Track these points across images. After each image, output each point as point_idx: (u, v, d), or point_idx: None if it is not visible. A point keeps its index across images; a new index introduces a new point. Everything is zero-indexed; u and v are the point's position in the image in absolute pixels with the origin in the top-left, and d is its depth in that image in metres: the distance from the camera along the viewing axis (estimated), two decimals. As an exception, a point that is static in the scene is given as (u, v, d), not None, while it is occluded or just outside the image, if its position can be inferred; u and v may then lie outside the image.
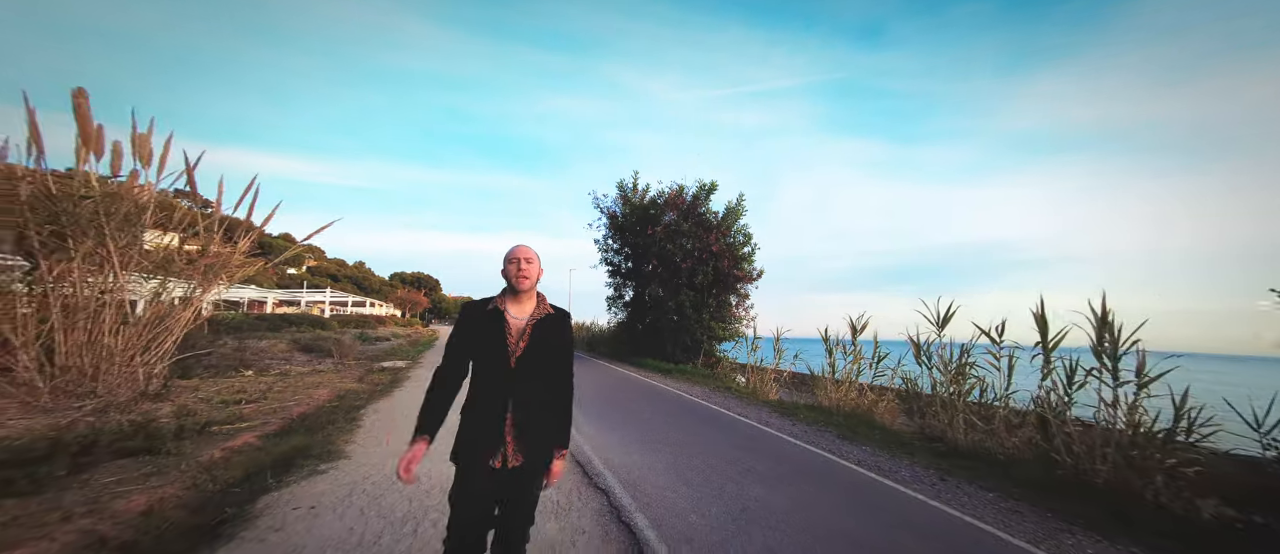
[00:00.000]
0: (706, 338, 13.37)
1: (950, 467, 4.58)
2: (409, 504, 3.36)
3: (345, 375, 9.97)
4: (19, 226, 4.89)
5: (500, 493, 1.65)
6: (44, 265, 5.10)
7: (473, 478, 1.62)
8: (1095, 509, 3.53)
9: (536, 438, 1.67)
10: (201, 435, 4.83)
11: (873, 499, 3.75)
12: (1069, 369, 4.33)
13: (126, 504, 3.19)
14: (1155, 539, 3.16)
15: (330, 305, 35.89)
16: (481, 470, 1.61)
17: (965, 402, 5.19)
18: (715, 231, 13.44)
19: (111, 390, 5.43)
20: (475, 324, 1.72)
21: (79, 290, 5.35)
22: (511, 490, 1.65)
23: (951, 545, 3.04)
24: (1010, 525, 3.30)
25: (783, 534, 3.03)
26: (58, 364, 5.12)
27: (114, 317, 5.64)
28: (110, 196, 5.50)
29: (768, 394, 9.01)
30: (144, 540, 2.77)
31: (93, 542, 2.68)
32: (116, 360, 5.58)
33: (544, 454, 1.71)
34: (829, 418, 6.75)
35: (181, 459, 4.12)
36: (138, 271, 6.10)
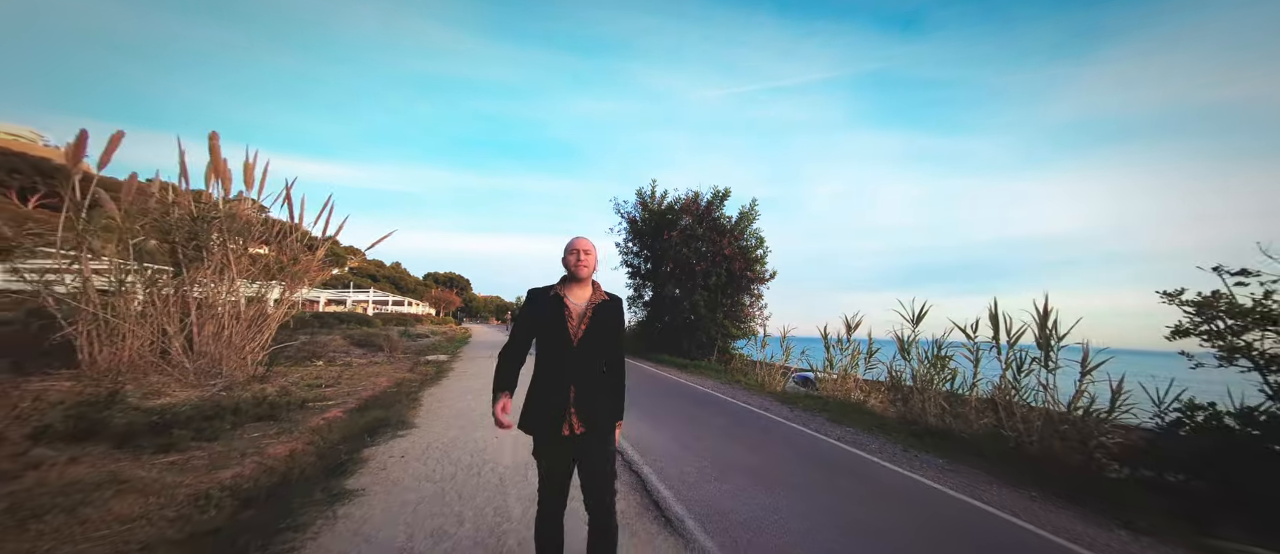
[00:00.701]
0: (720, 336, 14.20)
1: (918, 443, 5.32)
2: (471, 457, 4.41)
3: (397, 367, 11.32)
4: (171, 241, 6.28)
5: (573, 454, 1.81)
6: (186, 273, 6.50)
7: (547, 444, 1.80)
8: (1022, 470, 4.25)
9: (597, 408, 1.82)
10: (302, 409, 6.07)
11: (834, 459, 4.59)
12: (1018, 361, 5.01)
13: (274, 450, 4.38)
14: (1055, 487, 3.92)
15: (373, 304, 38.42)
16: (554, 438, 1.78)
17: (936, 390, 5.88)
18: (728, 236, 14.23)
19: (231, 373, 6.79)
20: (539, 308, 1.87)
21: (209, 292, 6.74)
22: (582, 453, 1.81)
23: (879, 485, 3.89)
24: (941, 479, 4.08)
25: (747, 478, 3.94)
26: (196, 351, 6.50)
27: (232, 314, 7.02)
28: (231, 216, 6.87)
29: (774, 387, 9.79)
30: (294, 471, 3.92)
31: (266, 469, 3.84)
32: (234, 349, 6.95)
33: (605, 421, 1.85)
34: (824, 406, 7.51)
35: (295, 425, 5.33)
36: (246, 277, 7.49)
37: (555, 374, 1.79)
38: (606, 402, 1.87)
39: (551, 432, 1.77)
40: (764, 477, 4.05)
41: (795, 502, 3.49)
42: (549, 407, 1.77)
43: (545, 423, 1.77)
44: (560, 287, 1.90)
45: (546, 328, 1.83)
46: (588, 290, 1.90)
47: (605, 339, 1.87)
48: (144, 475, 3.38)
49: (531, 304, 1.91)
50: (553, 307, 1.83)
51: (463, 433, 5.14)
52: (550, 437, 1.78)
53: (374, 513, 3.08)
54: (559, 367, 1.79)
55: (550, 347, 1.82)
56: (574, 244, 1.88)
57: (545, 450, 1.81)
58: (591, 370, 1.83)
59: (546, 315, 1.83)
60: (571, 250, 1.88)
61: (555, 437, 1.77)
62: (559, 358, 1.80)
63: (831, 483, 3.95)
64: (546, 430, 1.78)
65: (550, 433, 1.77)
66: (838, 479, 4.05)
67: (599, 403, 1.83)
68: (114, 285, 5.85)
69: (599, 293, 1.92)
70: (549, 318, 1.83)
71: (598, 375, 1.85)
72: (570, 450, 1.80)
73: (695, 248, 14.11)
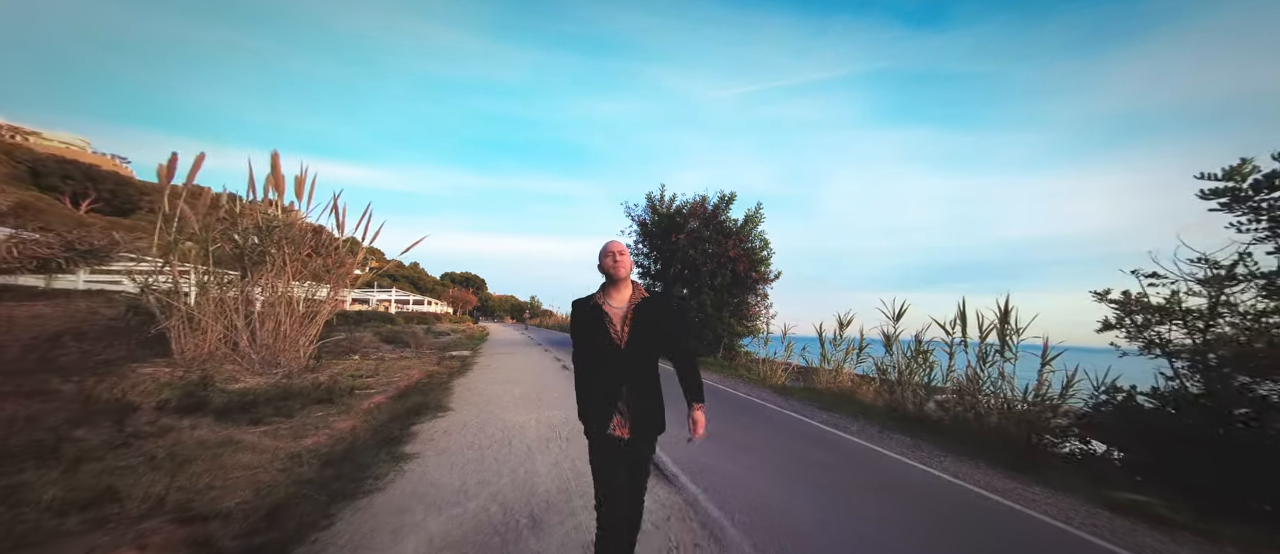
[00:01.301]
0: (726, 334, 14.84)
1: (895, 426, 5.93)
2: (502, 433, 5.18)
3: (425, 361, 12.22)
4: (241, 248, 7.23)
5: (625, 456, 1.86)
6: (250, 275, 7.44)
7: (602, 446, 1.85)
8: (976, 446, 4.88)
9: (644, 414, 1.85)
10: (350, 395, 6.93)
11: (814, 435, 5.26)
12: (982, 354, 5.59)
13: (337, 425, 5.22)
14: (999, 457, 4.57)
15: (395, 303, 39.92)
16: (608, 440, 1.84)
17: (917, 381, 6.47)
18: (733, 238, 14.86)
19: (289, 363, 7.71)
20: (584, 318, 1.93)
21: (268, 293, 7.67)
22: (630, 456, 1.87)
23: (845, 454, 4.56)
24: (905, 452, 4.72)
25: (735, 449, 4.63)
26: (258, 344, 7.43)
27: (287, 312, 7.95)
28: (288, 226, 7.80)
29: (774, 380, 10.40)
30: (358, 441, 4.74)
31: (336, 439, 4.67)
32: (289, 343, 7.87)
33: (652, 427, 1.89)
34: (819, 397, 8.12)
35: (348, 407, 6.18)
36: (298, 279, 8.42)
37: (606, 378, 1.84)
38: (656, 404, 1.90)
39: (601, 434, 1.83)
40: (749, 448, 4.73)
41: (771, 464, 4.18)
42: (601, 410, 1.83)
43: (596, 425, 1.84)
44: (599, 293, 1.96)
45: (593, 335, 1.89)
46: (627, 291, 1.93)
47: (654, 337, 1.89)
48: (249, 440, 4.23)
49: (576, 315, 1.98)
50: (594, 314, 1.89)
51: (492, 415, 5.94)
52: (600, 439, 1.84)
53: (430, 469, 3.86)
54: (609, 373, 1.84)
55: (599, 354, 1.87)
56: (609, 247, 1.93)
57: (601, 455, 1.86)
58: (642, 372, 1.86)
59: (591, 323, 1.89)
60: (606, 254, 1.93)
61: (607, 439, 1.83)
62: (609, 363, 1.84)
63: (805, 452, 4.62)
64: (598, 434, 1.84)
65: (600, 436, 1.83)
66: (811, 449, 4.73)
67: (650, 407, 1.86)
68: (197, 287, 6.80)
69: (639, 292, 1.95)
70: (593, 325, 1.88)
71: (650, 377, 1.88)
72: (623, 453, 1.84)
73: (702, 250, 14.79)
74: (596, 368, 1.88)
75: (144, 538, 2.45)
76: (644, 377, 1.85)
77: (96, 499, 2.73)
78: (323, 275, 9.08)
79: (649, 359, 1.88)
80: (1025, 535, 3.11)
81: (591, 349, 1.90)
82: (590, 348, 1.90)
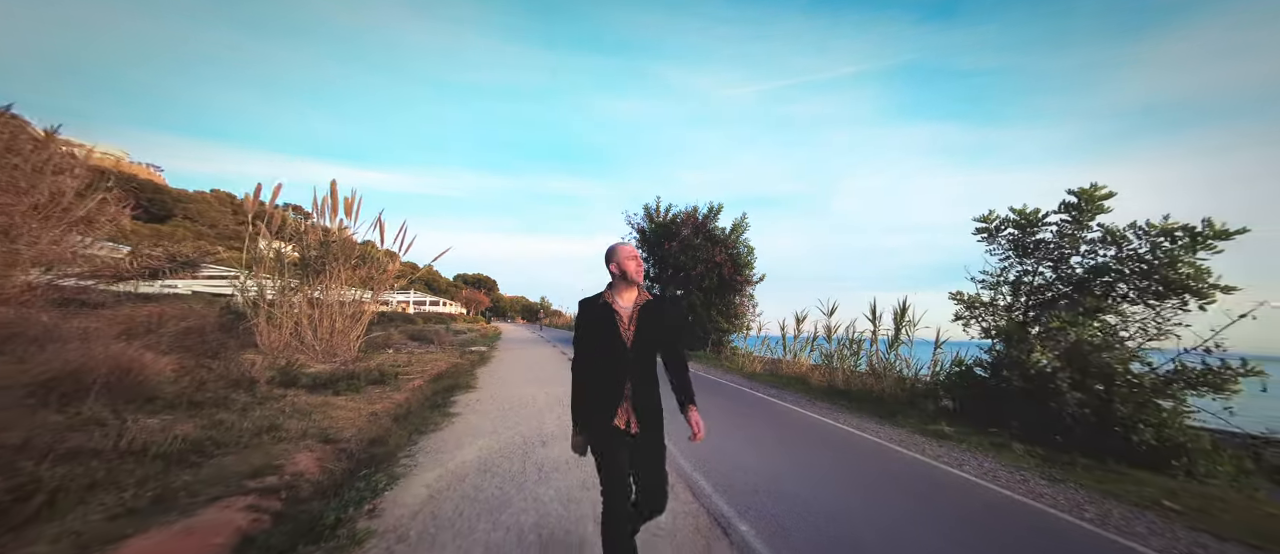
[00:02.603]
0: (715, 330, 16.29)
1: (823, 398, 7.38)
2: (518, 402, 6.68)
3: (449, 354, 13.81)
4: (305, 260, 8.83)
5: (629, 450, 1.90)
6: (311, 281, 9.04)
7: (602, 437, 1.90)
8: (868, 407, 6.43)
9: (650, 408, 1.92)
10: (395, 379, 8.49)
11: (753, 400, 6.74)
12: (891, 342, 7.03)
13: (394, 398, 6.76)
14: (880, 410, 6.06)
15: (413, 305, 41.80)
16: (610, 433, 1.88)
17: (846, 365, 7.93)
18: (719, 245, 16.32)
19: (342, 355, 9.31)
20: (592, 316, 1.97)
21: (325, 296, 9.27)
22: (636, 450, 1.91)
23: (775, 413, 6.00)
24: (819, 413, 6.18)
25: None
26: (319, 338, 9.03)
27: (339, 312, 9.55)
28: (342, 242, 9.41)
29: (750, 369, 11.85)
30: (414, 406, 6.27)
31: (396, 406, 6.21)
32: (341, 337, 9.47)
33: (656, 417, 1.94)
34: (778, 380, 9.56)
35: (397, 387, 7.73)
36: (348, 285, 10.02)
37: (612, 376, 1.89)
38: (658, 400, 1.96)
39: (606, 426, 1.87)
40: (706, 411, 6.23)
41: (721, 423, 5.65)
42: (606, 402, 1.88)
43: (601, 417, 1.88)
44: (608, 292, 2.01)
45: (601, 333, 1.95)
46: (634, 293, 1.99)
47: (658, 337, 1.97)
48: (338, 403, 5.78)
49: (584, 313, 2.02)
50: (604, 313, 1.95)
51: (511, 390, 7.46)
52: (605, 430, 1.88)
53: (470, 420, 5.39)
54: (615, 369, 1.90)
55: (606, 351, 1.93)
56: (628, 253, 1.99)
57: (602, 444, 1.89)
58: (645, 369, 1.93)
59: (600, 322, 1.95)
60: (628, 258, 1.99)
61: (611, 430, 1.87)
62: (614, 361, 1.90)
63: (747, 413, 6.08)
64: (602, 425, 1.88)
65: (605, 427, 1.88)
66: (750, 409, 6.19)
67: (652, 401, 1.93)
68: (275, 290, 8.42)
69: (643, 294, 2.01)
70: (603, 324, 1.94)
71: (653, 374, 1.96)
72: (626, 445, 1.89)
73: (693, 255, 16.25)
74: (603, 364, 1.93)
75: (309, 448, 3.98)
76: (647, 373, 1.94)
77: (269, 429, 4.26)
78: (367, 282, 10.69)
79: (651, 357, 1.97)
80: (865, 449, 4.83)
81: (599, 345, 1.96)
82: (598, 344, 1.96)
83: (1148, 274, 4.85)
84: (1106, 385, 4.72)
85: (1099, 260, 5.28)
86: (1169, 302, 4.84)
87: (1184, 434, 4.45)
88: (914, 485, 3.77)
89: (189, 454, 3.40)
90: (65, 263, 7.69)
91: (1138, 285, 4.96)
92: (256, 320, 8.07)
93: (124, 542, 2.18)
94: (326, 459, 3.87)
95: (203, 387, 4.98)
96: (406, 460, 3.88)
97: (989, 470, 4.29)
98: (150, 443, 3.33)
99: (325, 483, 3.36)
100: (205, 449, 3.54)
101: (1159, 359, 4.83)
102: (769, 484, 3.60)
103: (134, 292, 10.85)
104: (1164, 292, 4.73)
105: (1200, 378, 4.41)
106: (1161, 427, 4.49)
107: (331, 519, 2.54)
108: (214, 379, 5.34)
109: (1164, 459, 4.36)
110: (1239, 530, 3.23)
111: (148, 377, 4.52)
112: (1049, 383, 4.83)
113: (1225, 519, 3.42)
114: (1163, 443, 4.42)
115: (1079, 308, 5.11)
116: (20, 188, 6.91)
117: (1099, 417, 4.68)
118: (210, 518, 2.53)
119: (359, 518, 2.68)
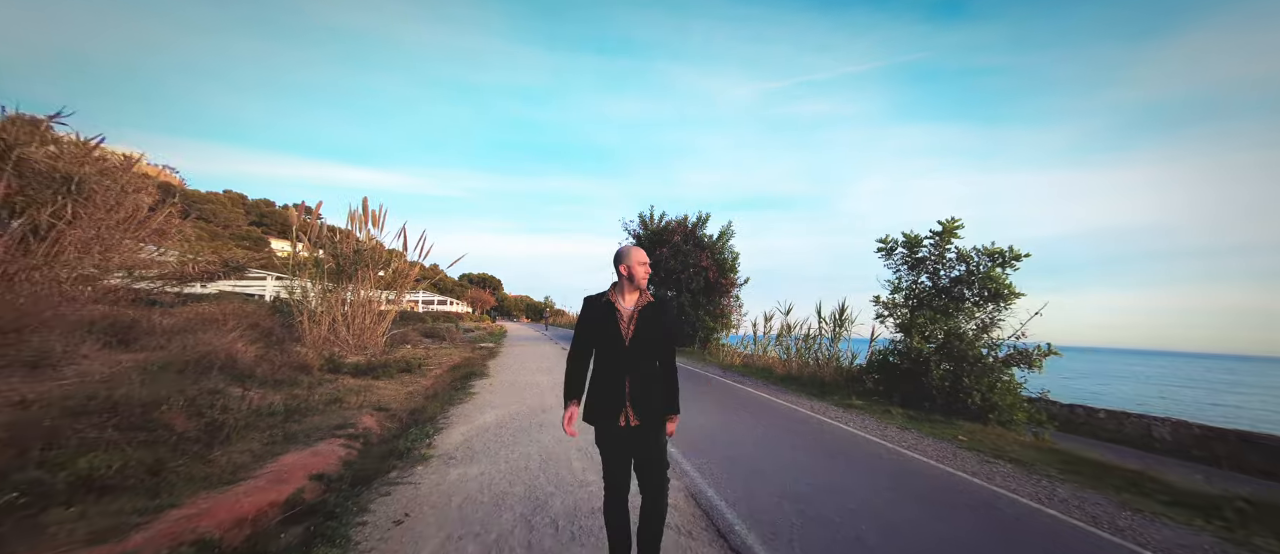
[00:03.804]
0: (701, 329, 17.52)
1: (778, 383, 8.60)
2: (526, 385, 7.91)
3: (461, 350, 15.05)
4: (343, 268, 10.09)
5: (630, 443, 1.96)
6: (343, 284, 10.29)
7: (606, 434, 1.98)
8: (809, 389, 7.65)
9: (649, 402, 1.97)
10: (420, 368, 9.73)
11: (718, 384, 7.94)
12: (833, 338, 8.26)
13: (421, 382, 8.01)
14: (814, 390, 7.26)
15: (422, 304, 43.12)
16: (612, 428, 1.95)
17: (798, 357, 9.17)
18: (706, 251, 17.55)
19: (371, 349, 10.56)
20: (594, 314, 2.04)
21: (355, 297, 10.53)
22: (637, 443, 1.97)
23: (735, 393, 7.22)
24: (769, 394, 7.38)
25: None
26: (352, 333, 10.28)
27: (368, 311, 10.80)
28: (372, 250, 10.66)
29: (730, 362, 13.08)
30: (439, 388, 7.52)
31: (425, 388, 7.45)
32: (370, 333, 10.72)
33: (657, 414, 1.99)
34: (748, 370, 10.79)
35: (423, 374, 8.98)
36: (375, 287, 11.27)
37: (612, 371, 1.95)
38: (658, 396, 2.00)
39: (610, 422, 1.93)
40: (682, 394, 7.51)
41: (691, 402, 6.88)
42: (608, 400, 1.94)
43: (605, 415, 1.94)
44: (611, 292, 2.06)
45: (602, 331, 2.00)
46: (636, 295, 2.05)
47: (655, 337, 2.00)
48: (378, 385, 7.02)
49: (587, 310, 2.07)
50: (605, 312, 2.01)
51: (518, 378, 8.70)
52: (609, 427, 1.94)
53: (488, 398, 6.62)
54: (615, 364, 1.95)
55: (607, 347, 1.99)
56: (638, 257, 2.04)
57: (606, 440, 1.97)
58: (644, 366, 1.98)
59: (601, 319, 2.01)
60: (638, 262, 2.03)
61: (613, 427, 1.93)
62: (615, 357, 1.96)
63: (706, 393, 7.30)
64: (606, 421, 1.94)
65: (609, 424, 1.94)
66: (712, 391, 7.41)
67: (652, 397, 1.97)
68: (316, 293, 9.68)
69: (645, 297, 2.06)
70: (604, 321, 2.00)
71: (651, 371, 2.00)
72: (627, 439, 1.95)
73: (682, 260, 17.47)
74: (604, 362, 1.99)
75: (368, 414, 5.22)
76: (646, 370, 1.98)
77: (334, 401, 5.50)
78: (391, 284, 11.95)
79: (650, 355, 2.00)
80: (784, 413, 6.29)
81: (599, 342, 2.01)
82: (598, 341, 2.02)
83: (982, 283, 6.45)
84: (955, 366, 6.34)
85: (955, 273, 6.85)
86: (989, 305, 6.43)
87: (999, 397, 6.21)
88: (806, 434, 5.14)
89: (291, 414, 4.65)
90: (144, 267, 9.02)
91: (977, 292, 6.42)
92: (301, 318, 9.33)
93: (282, 456, 3.42)
94: (382, 422, 5.11)
95: (278, 370, 6.24)
96: (442, 422, 5.12)
97: (867, 426, 5.73)
98: (261, 406, 4.58)
99: (385, 435, 4.61)
100: (298, 412, 4.79)
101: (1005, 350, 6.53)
102: (706, 439, 4.82)
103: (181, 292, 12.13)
104: (990, 296, 6.10)
105: (1019, 358, 5.88)
106: (986, 392, 6.21)
107: (404, 447, 3.78)
108: (283, 365, 6.59)
109: (985, 414, 6.13)
110: (988, 450, 4.94)
111: (241, 361, 5.78)
112: (925, 364, 6.39)
113: (986, 445, 5.15)
114: (985, 404, 6.15)
115: (943, 308, 6.63)
116: (110, 206, 8.27)
117: (953, 387, 6.33)
118: (324, 448, 3.76)
119: (421, 448, 3.93)
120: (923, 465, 4.25)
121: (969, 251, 6.79)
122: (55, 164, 7.21)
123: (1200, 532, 3.14)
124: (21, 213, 6.90)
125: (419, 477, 3.38)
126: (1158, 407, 6.94)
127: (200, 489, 2.67)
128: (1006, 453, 4.83)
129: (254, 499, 2.64)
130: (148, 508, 2.36)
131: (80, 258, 7.79)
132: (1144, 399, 20.31)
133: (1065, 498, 3.64)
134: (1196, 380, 39.23)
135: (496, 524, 2.69)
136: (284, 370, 6.48)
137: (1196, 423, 6.67)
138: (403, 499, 2.99)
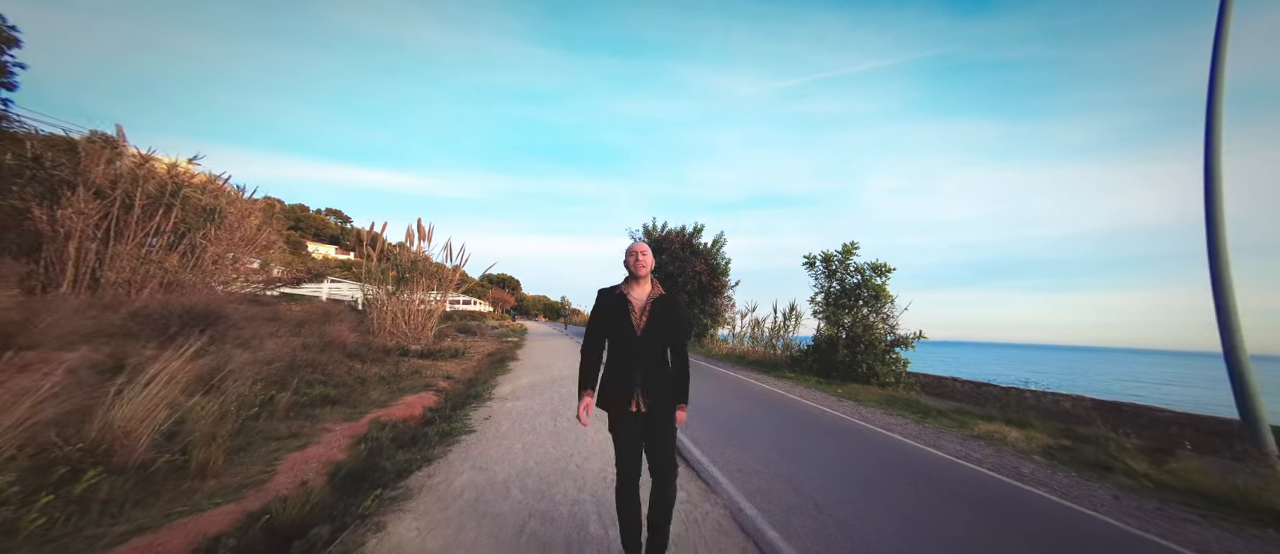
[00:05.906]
0: (697, 325, 19.32)
1: (746, 366, 10.34)
2: (548, 368, 9.82)
3: (491, 343, 17.11)
4: (404, 278, 12.19)
5: (640, 429, 1.99)
6: (401, 288, 12.38)
7: (619, 419, 2.00)
8: (765, 369, 9.34)
9: (660, 390, 1.99)
10: (463, 355, 11.75)
11: (701, 367, 9.72)
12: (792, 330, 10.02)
13: (467, 365, 10.00)
14: (767, 370, 9.07)
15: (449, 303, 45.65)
16: (624, 414, 1.97)
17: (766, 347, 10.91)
18: (700, 257, 19.32)
19: (424, 341, 12.62)
20: (608, 305, 2.08)
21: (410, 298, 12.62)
22: (648, 428, 1.99)
23: (714, 375, 9.01)
24: (736, 373, 9.14)
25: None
26: (410, 327, 12.35)
27: (419, 311, 12.88)
28: (425, 259, 12.76)
29: (718, 351, 14.84)
30: (483, 369, 9.49)
31: (473, 368, 9.43)
32: (422, 329, 12.80)
33: (667, 401, 2.01)
34: (728, 358, 12.54)
35: (466, 360, 10.98)
36: (426, 290, 13.35)
37: (625, 360, 1.98)
38: (669, 384, 2.02)
39: (622, 409, 1.96)
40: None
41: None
42: (621, 388, 1.97)
43: (617, 401, 1.98)
44: (624, 285, 2.10)
45: (615, 321, 2.03)
46: (647, 287, 2.09)
47: (666, 328, 2.03)
48: (440, 365, 9.01)
49: (601, 301, 2.12)
50: (618, 303, 2.05)
51: (543, 362, 10.64)
52: (621, 413, 1.97)
53: (520, 371, 8.56)
54: (628, 354, 1.98)
55: (619, 337, 2.02)
56: (633, 248, 2.09)
57: (618, 426, 1.99)
58: (655, 356, 2.00)
59: (614, 310, 2.04)
60: (631, 253, 2.09)
61: (625, 413, 1.96)
62: (627, 346, 1.99)
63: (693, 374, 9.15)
64: (619, 408, 1.98)
65: (622, 410, 1.97)
66: (696, 372, 9.23)
67: (662, 385, 1.99)
68: (383, 295, 11.80)
69: (656, 289, 2.10)
70: (616, 312, 2.03)
71: (662, 361, 2.02)
72: (639, 425, 1.97)
73: (680, 265, 19.26)
74: (617, 353, 2.02)
75: (441, 380, 7.18)
76: (657, 360, 2.01)
77: (414, 373, 7.48)
78: (438, 287, 14.04)
79: (661, 346, 2.04)
80: (741, 385, 7.81)
81: (612, 333, 2.05)
82: (611, 332, 2.05)
83: (867, 287, 8.68)
84: (851, 348, 8.61)
85: (854, 281, 9.07)
86: (873, 303, 8.22)
87: (881, 367, 8.51)
88: (750, 394, 7.06)
89: (392, 379, 6.64)
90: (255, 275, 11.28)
91: (866, 295, 8.25)
92: (371, 315, 11.44)
93: (404, 396, 5.39)
94: (452, 384, 7.07)
95: (372, 352, 8.28)
96: (493, 383, 7.06)
97: (790, 388, 7.75)
98: (370, 375, 6.58)
99: (457, 391, 6.55)
100: (395, 377, 6.78)
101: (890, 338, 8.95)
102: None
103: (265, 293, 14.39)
104: (872, 297, 8.01)
105: (901, 342, 7.76)
106: (872, 364, 8.56)
107: (475, 393, 5.72)
108: (376, 349, 8.64)
109: (869, 379, 8.47)
110: (851, 398, 7.22)
111: (348, 344, 7.82)
112: (833, 345, 8.56)
113: (862, 398, 7.35)
114: (870, 372, 8.52)
115: (846, 305, 8.82)
116: (233, 227, 10.54)
117: (851, 361, 8.70)
118: (421, 397, 5.72)
119: (486, 394, 5.87)
120: (803, 406, 6.49)
121: (862, 266, 9.03)
122: (200, 198, 9.49)
123: (919, 423, 5.78)
124: (184, 236, 9.16)
125: (489, 405, 5.34)
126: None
127: (374, 407, 4.64)
128: (860, 399, 7.06)
129: (403, 412, 4.59)
130: (359, 411, 4.32)
131: (215, 268, 10.12)
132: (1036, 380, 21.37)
133: (869, 416, 6.01)
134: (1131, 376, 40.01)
135: (536, 421, 4.66)
136: (375, 352, 8.53)
137: (996, 384, 9.06)
138: (484, 412, 4.98)
